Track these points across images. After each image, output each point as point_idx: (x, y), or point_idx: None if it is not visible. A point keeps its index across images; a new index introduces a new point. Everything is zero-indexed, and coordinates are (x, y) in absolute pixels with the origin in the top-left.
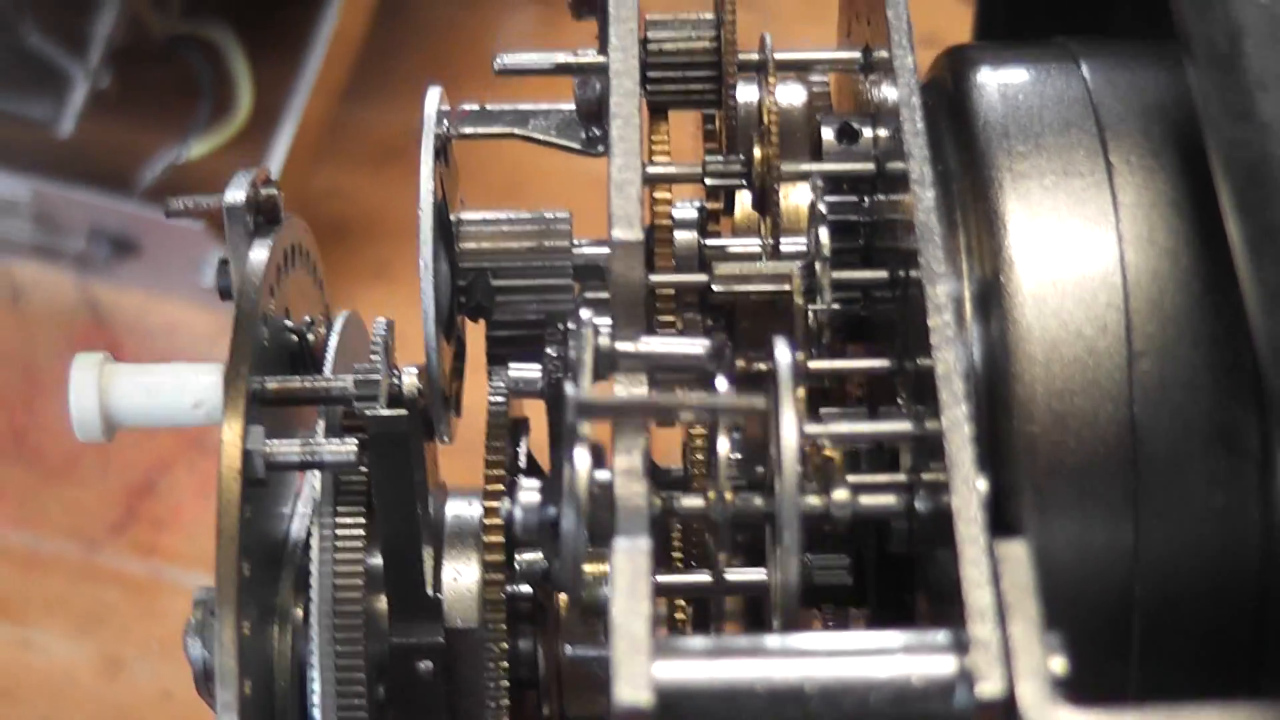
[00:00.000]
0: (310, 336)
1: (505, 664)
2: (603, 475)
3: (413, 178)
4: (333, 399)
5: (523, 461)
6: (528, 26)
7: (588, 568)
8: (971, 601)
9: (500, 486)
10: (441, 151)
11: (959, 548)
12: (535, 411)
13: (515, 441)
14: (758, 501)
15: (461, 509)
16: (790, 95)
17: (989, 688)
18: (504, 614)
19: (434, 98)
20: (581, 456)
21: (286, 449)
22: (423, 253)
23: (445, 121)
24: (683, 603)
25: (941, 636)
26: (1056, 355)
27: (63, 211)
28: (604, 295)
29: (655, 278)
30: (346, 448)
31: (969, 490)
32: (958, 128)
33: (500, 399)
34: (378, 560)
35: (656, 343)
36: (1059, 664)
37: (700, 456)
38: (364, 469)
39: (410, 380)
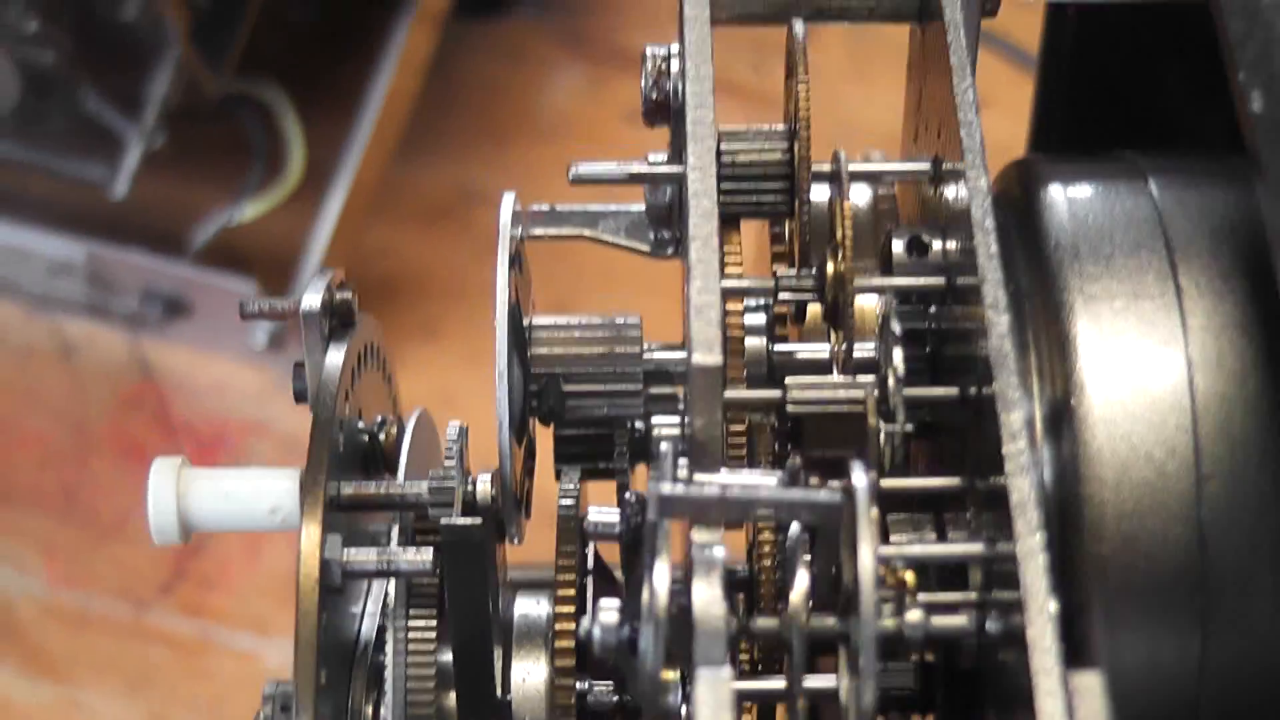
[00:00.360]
0: (382, 436)
1: None
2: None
3: (463, 236)
4: (408, 505)
5: (590, 562)
6: (576, 84)
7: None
8: None
9: (571, 591)
10: (516, 258)
11: (1034, 679)
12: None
13: (584, 544)
14: (831, 622)
15: (530, 608)
16: (855, 195)
17: None
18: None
19: (508, 204)
20: (661, 575)
21: (363, 558)
22: (498, 361)
23: (519, 226)
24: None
25: None
26: (1126, 478)
27: (116, 272)
28: (668, 391)
29: (730, 394)
30: (422, 556)
31: (1044, 620)
32: (1029, 247)
33: (570, 501)
34: (448, 658)
35: (733, 477)
36: None
37: (768, 563)
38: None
39: (484, 488)
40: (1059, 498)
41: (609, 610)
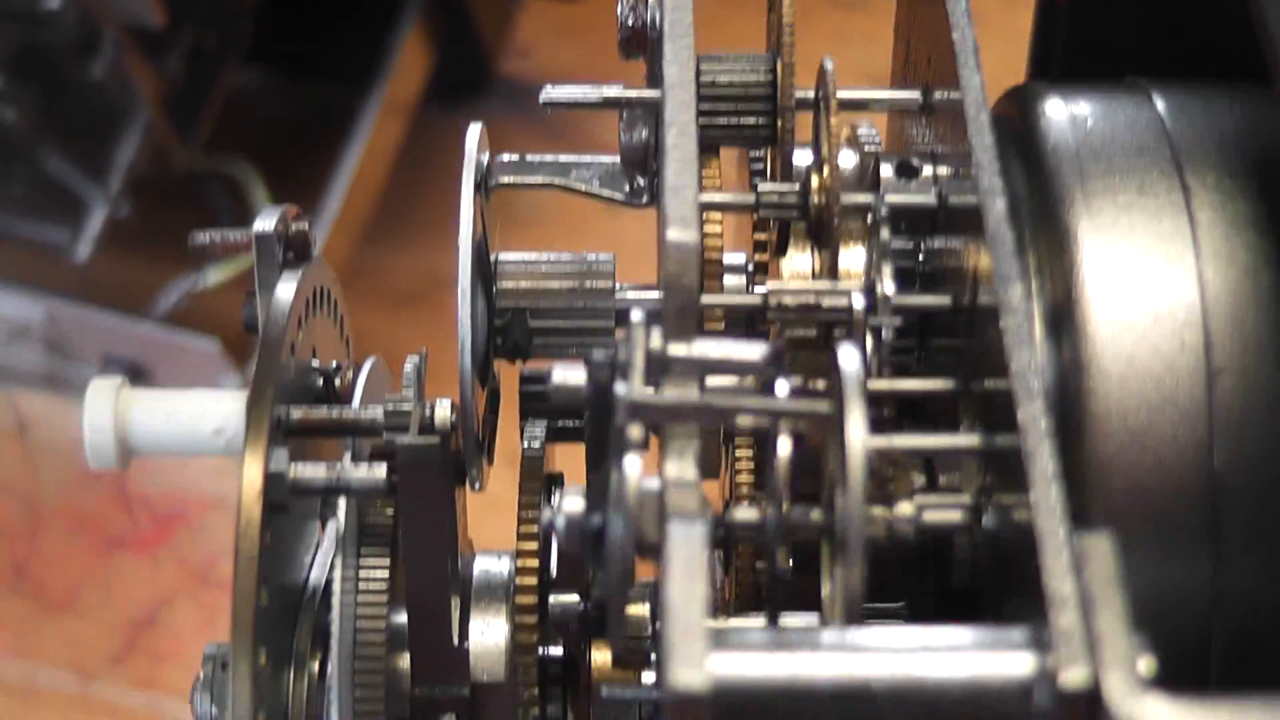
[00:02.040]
0: (337, 381)
1: (534, 704)
2: (651, 484)
3: (431, 321)
4: (360, 430)
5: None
6: None
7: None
8: (1053, 592)
9: (534, 529)
10: (482, 185)
11: (1039, 540)
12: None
13: (549, 494)
14: (815, 515)
15: (491, 564)
16: (842, 160)
17: (1074, 677)
18: (535, 662)
19: (475, 133)
20: (632, 462)
21: (312, 472)
22: (461, 285)
23: (485, 151)
24: None
25: (1018, 634)
26: (1133, 371)
27: (76, 336)
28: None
29: (707, 298)
30: (375, 473)
31: (1047, 484)
32: (1027, 157)
33: (537, 444)
34: (402, 618)
35: (712, 346)
36: (1146, 663)
37: (746, 490)
38: (390, 511)
39: (443, 412)
40: (1061, 398)
41: (574, 499)
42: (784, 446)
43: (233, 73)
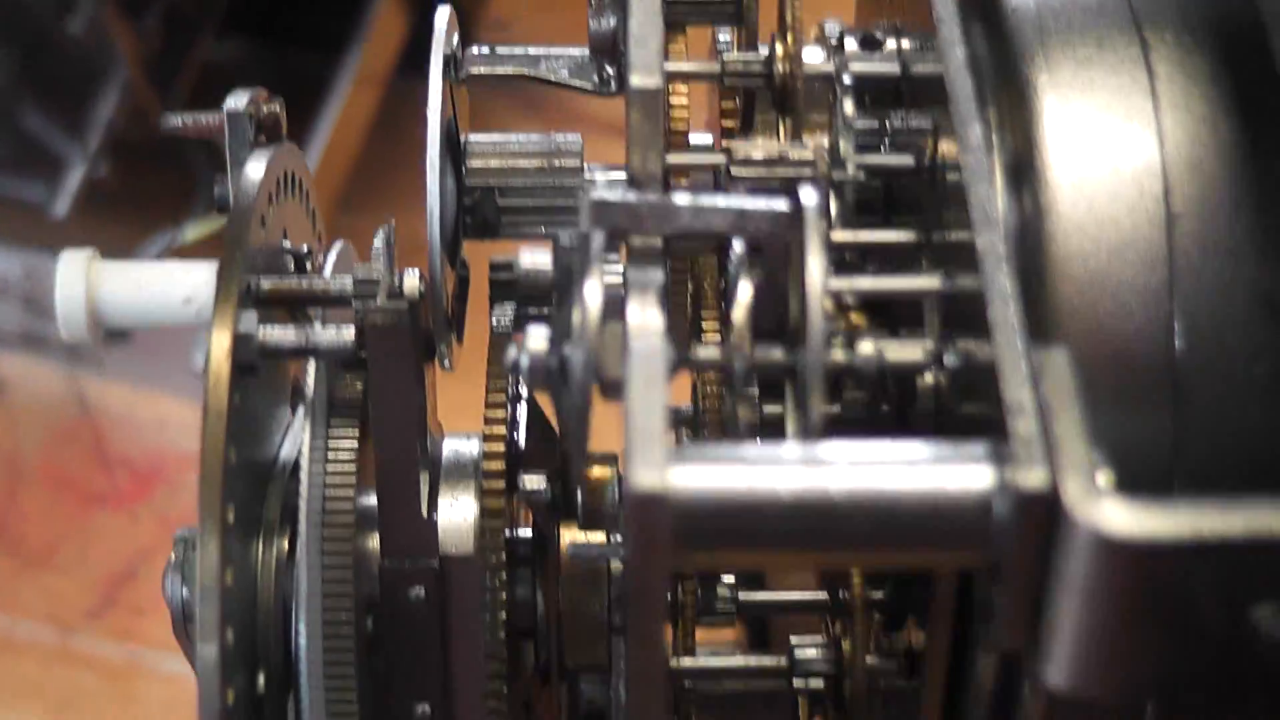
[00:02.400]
0: (308, 265)
1: (503, 588)
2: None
3: None
4: (330, 299)
5: (523, 415)
6: None
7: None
8: (1011, 401)
9: (502, 400)
10: (450, 65)
11: (997, 356)
12: None
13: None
14: (778, 354)
15: (460, 445)
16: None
17: (1032, 480)
18: (504, 541)
19: (444, 14)
20: (593, 290)
21: (280, 335)
22: (430, 156)
23: (455, 34)
24: None
25: (977, 448)
26: (1092, 216)
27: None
28: None
29: (672, 157)
30: (343, 335)
31: (1005, 302)
32: (988, 16)
33: (506, 321)
34: (371, 500)
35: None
36: (1104, 476)
37: (712, 388)
38: (360, 385)
39: (412, 281)
40: (1022, 246)
41: (538, 336)
42: (745, 289)
43: (210, 39)
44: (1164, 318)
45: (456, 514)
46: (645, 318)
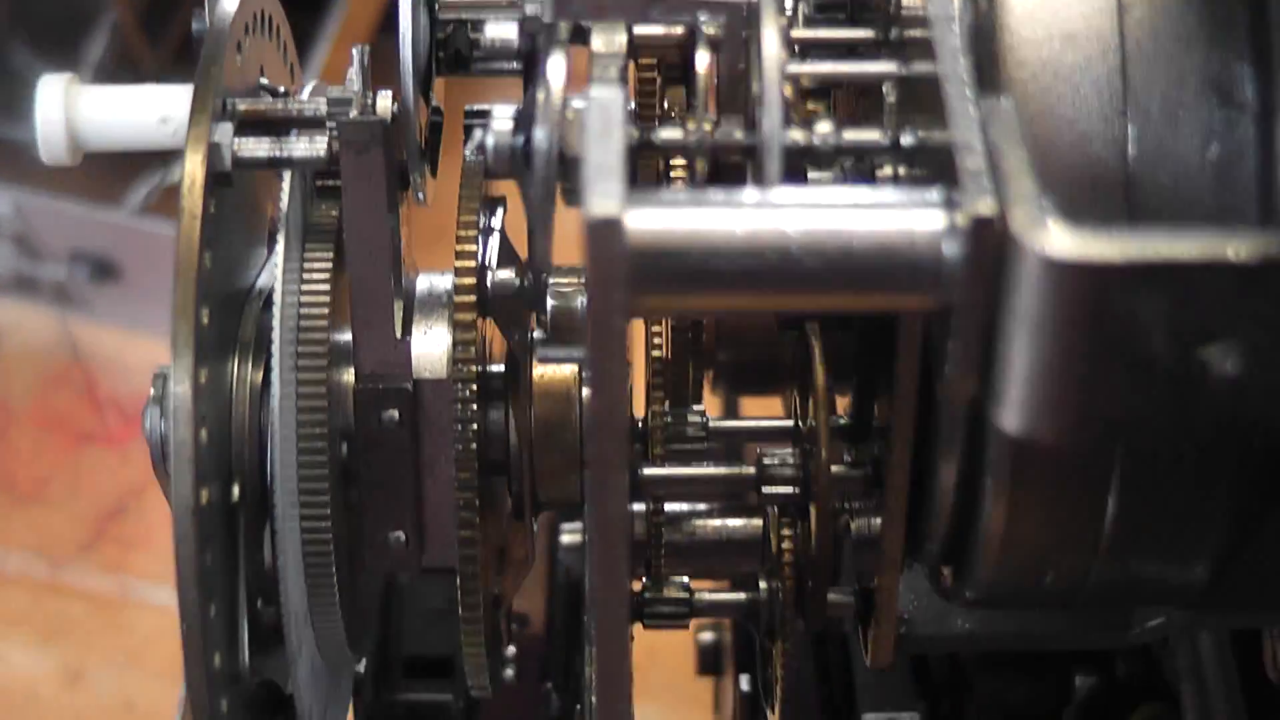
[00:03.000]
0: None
1: (474, 419)
2: (577, 103)
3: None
4: (304, 121)
5: (496, 237)
6: None
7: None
8: (960, 142)
9: (474, 231)
10: None
11: (946, 104)
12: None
13: (491, 211)
14: (738, 134)
15: (434, 280)
16: None
17: (980, 206)
18: (475, 369)
19: None
20: (556, 67)
21: (255, 145)
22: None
23: None
24: None
25: (932, 194)
26: (1043, 4)
27: (44, 230)
28: None
29: None
30: (316, 145)
31: (954, 57)
32: None
33: (478, 153)
34: (345, 336)
35: None
36: (1055, 224)
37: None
38: (335, 213)
39: (384, 102)
40: (976, 40)
41: (503, 119)
42: (703, 59)
43: None
44: (1116, 101)
45: (430, 341)
46: (605, 79)
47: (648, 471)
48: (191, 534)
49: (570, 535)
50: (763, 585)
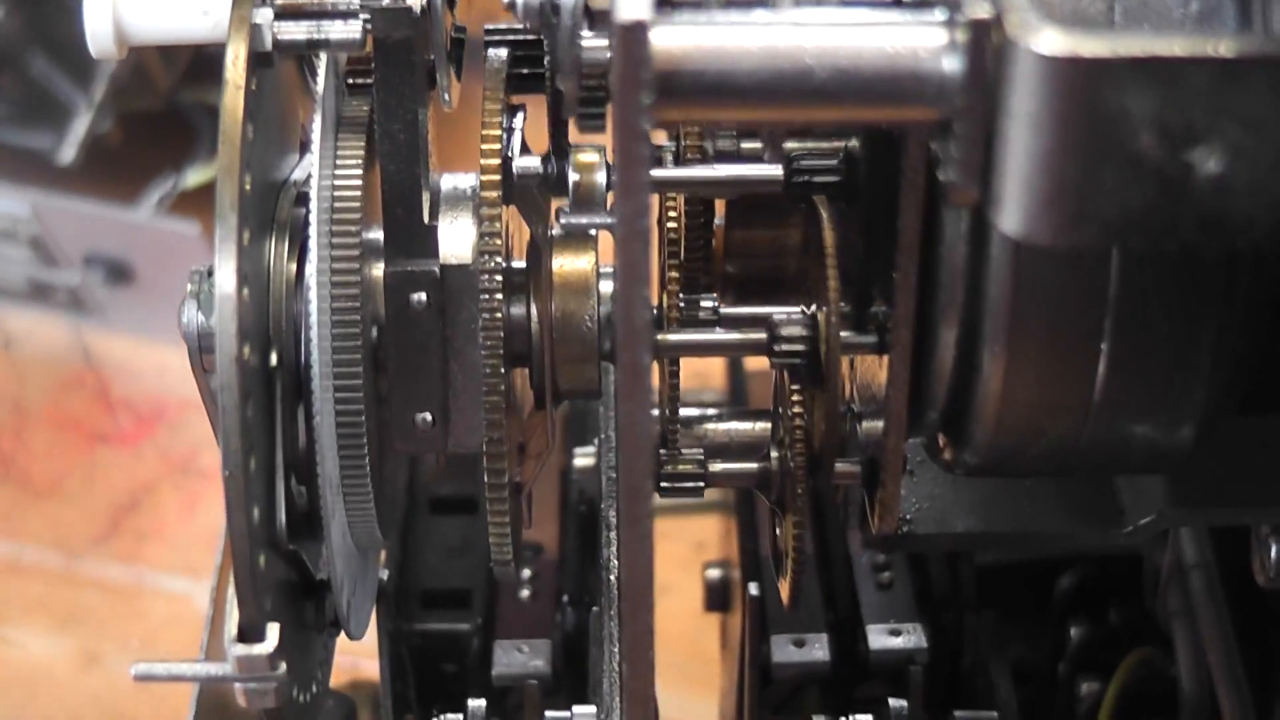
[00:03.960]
0: None
1: (499, 295)
2: None
3: None
4: (339, 13)
5: (518, 135)
6: None
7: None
8: None
9: (499, 118)
10: None
11: None
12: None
13: (512, 114)
14: None
15: (459, 179)
16: None
17: (979, 10)
18: (499, 260)
19: None
20: None
21: (294, 28)
22: None
23: None
24: None
25: (935, 13)
26: None
27: (60, 233)
28: None
29: None
30: (352, 28)
31: None
32: None
33: (502, 56)
34: (376, 234)
35: None
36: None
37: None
38: (366, 107)
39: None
40: None
41: None
42: None
43: None
44: None
45: (455, 230)
46: None
47: (663, 337)
48: (235, 382)
49: (583, 459)
50: (774, 455)
